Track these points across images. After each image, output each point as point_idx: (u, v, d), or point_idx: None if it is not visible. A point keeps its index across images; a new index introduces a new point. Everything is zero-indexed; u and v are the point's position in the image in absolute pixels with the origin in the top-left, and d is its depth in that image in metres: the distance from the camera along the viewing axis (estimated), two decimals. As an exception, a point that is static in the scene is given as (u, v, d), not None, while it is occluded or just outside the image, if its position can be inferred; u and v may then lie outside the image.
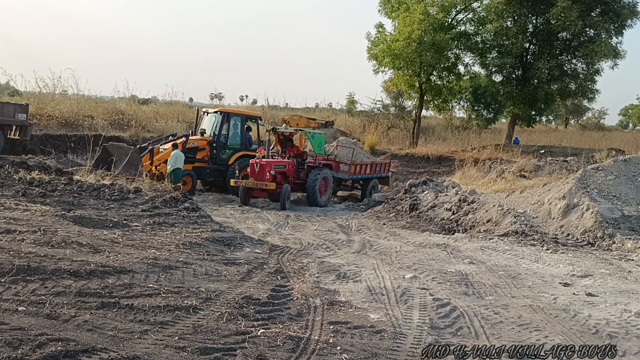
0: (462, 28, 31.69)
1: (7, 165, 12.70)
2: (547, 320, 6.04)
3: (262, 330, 5.02)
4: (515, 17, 30.25)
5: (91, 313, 4.93)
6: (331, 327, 5.32)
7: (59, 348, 4.03)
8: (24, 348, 3.97)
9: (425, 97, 32.44)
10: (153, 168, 16.16)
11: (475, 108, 42.07)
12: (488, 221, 12.49)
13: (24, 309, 4.80)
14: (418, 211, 14.44)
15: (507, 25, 30.77)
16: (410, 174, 25.33)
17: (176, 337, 4.65)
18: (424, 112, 35.45)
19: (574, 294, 7.22)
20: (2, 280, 5.37)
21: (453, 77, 31.90)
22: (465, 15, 31.56)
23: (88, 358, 4.01)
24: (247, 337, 4.81)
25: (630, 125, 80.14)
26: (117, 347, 4.28)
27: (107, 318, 4.88)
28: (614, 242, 10.56)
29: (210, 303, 5.63)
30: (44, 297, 5.11)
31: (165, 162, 15.86)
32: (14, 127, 19.72)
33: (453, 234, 12.14)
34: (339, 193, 20.18)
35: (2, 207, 8.63)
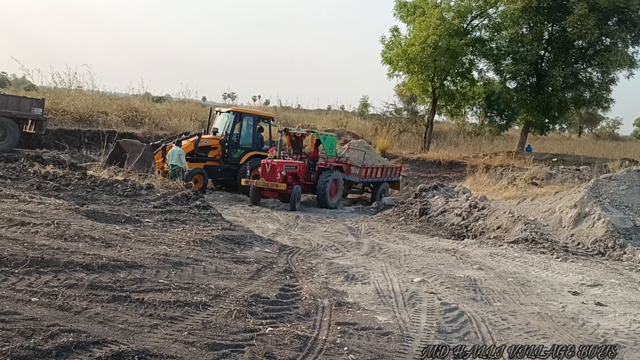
0: (477, 34, 31.56)
1: (22, 159, 12.89)
2: (555, 328, 6.01)
3: (270, 329, 5.05)
4: (531, 24, 30.09)
5: (102, 306, 5.00)
6: (338, 328, 5.34)
7: (70, 339, 4.10)
8: (36, 338, 4.03)
9: (438, 102, 32.37)
10: (165, 165, 16.30)
11: (488, 114, 41.75)
12: (498, 228, 12.44)
13: (37, 300, 4.87)
14: (428, 216, 14.42)
15: (522, 32, 30.61)
16: (421, 179, 25.28)
17: (185, 332, 4.70)
18: (436, 117, 35.47)
19: (583, 302, 7.19)
20: (16, 271, 5.46)
21: (467, 82, 31.77)
22: (481, 21, 31.46)
23: (99, 349, 4.06)
24: (255, 335, 4.85)
25: (645, 135, 79.40)
26: (128, 339, 4.34)
27: (118, 311, 4.95)
28: (624, 252, 10.48)
29: (219, 300, 5.68)
30: (56, 289, 5.18)
31: None
32: (30, 121, 19.97)
33: (462, 239, 12.11)
34: (349, 196, 20.21)
35: (17, 200, 8.74)
